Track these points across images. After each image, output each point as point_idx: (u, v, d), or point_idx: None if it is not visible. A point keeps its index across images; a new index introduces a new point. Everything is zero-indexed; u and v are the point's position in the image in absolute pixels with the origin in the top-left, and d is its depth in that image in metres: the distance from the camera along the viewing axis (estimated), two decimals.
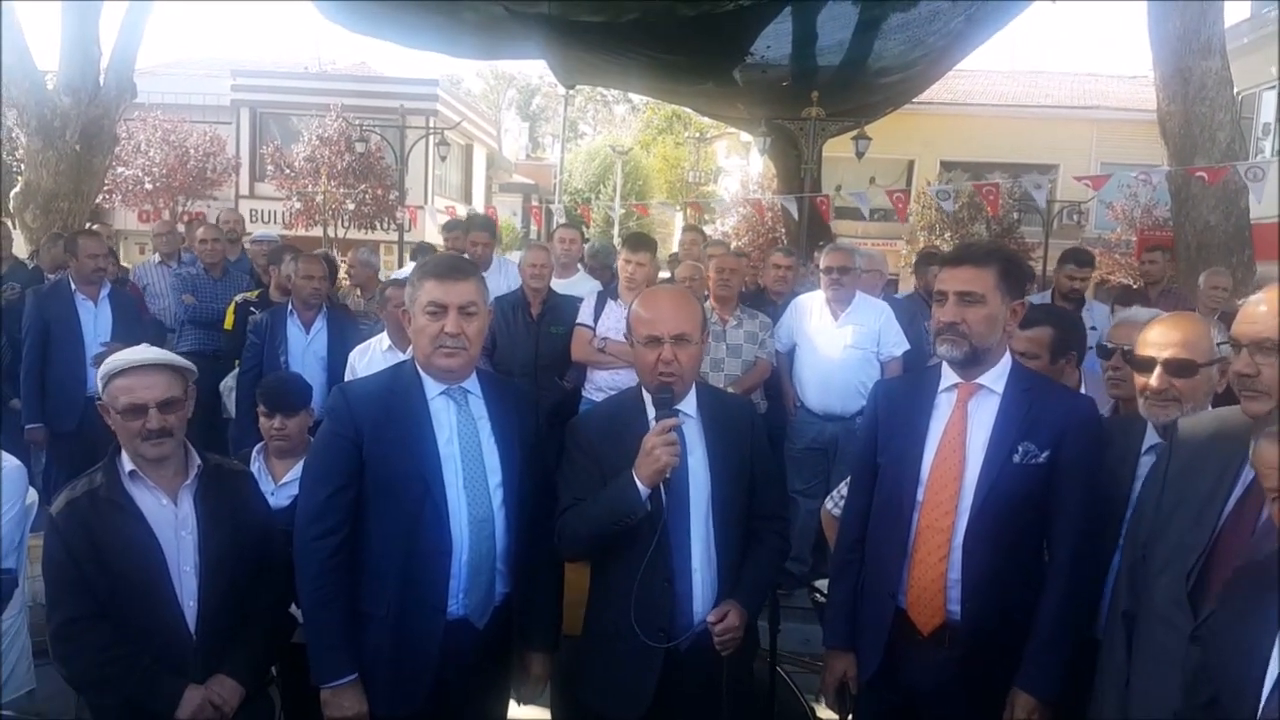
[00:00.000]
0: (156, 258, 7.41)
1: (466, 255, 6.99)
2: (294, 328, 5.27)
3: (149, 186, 20.96)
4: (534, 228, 18.02)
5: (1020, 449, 2.35)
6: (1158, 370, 2.41)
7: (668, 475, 2.34)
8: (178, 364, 2.59)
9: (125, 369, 2.49)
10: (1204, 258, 8.65)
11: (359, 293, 6.37)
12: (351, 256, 6.93)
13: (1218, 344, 2.44)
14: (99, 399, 2.55)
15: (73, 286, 5.67)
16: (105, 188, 15.85)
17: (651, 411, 2.45)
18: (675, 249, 10.62)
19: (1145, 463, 2.49)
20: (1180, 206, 9.42)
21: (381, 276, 8.02)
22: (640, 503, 2.34)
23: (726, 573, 2.46)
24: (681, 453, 2.40)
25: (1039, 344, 2.94)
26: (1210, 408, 2.42)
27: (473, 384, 2.53)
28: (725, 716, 2.42)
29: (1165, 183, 9.94)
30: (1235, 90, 9.66)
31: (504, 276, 6.13)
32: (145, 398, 2.45)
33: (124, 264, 14.63)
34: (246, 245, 7.22)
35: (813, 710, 3.23)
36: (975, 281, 2.38)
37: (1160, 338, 2.45)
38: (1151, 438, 2.50)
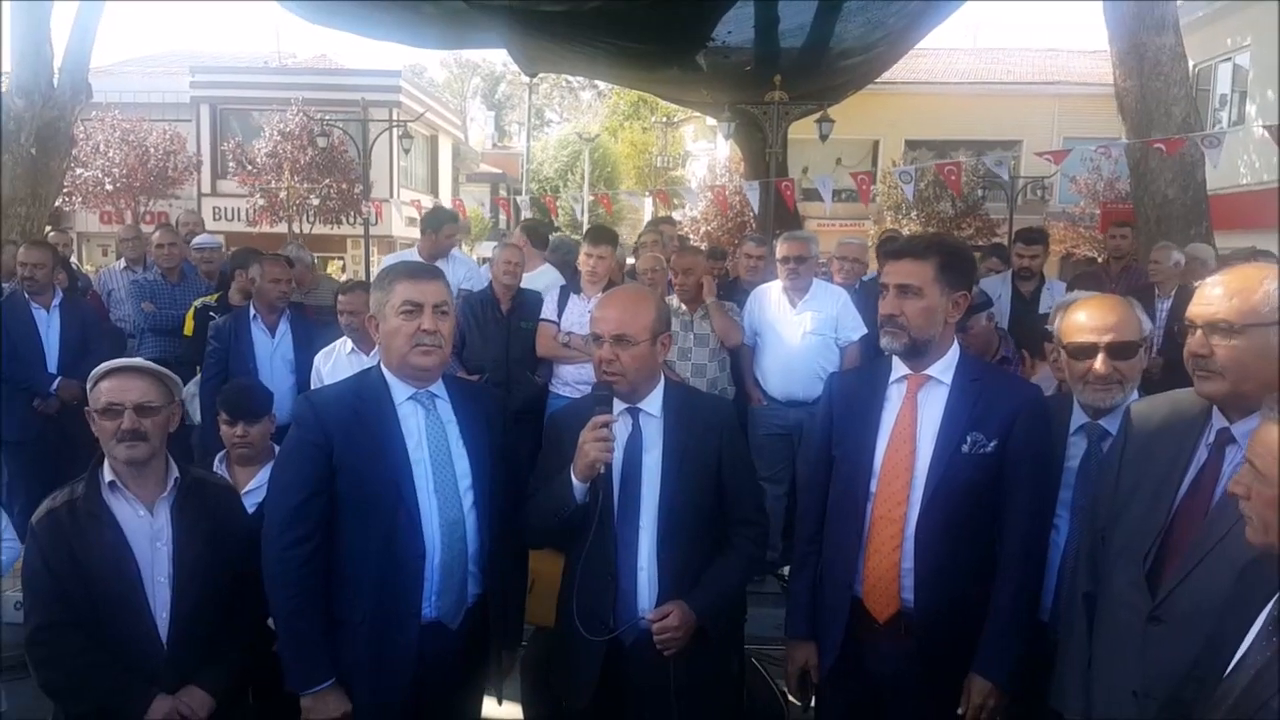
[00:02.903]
0: (121, 263, 7.32)
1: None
2: (259, 332, 5.22)
3: (109, 187, 20.66)
4: (503, 218, 17.95)
5: (969, 439, 2.40)
6: (1101, 356, 2.44)
7: (600, 470, 2.38)
8: (161, 373, 2.62)
9: (110, 372, 2.55)
10: (1163, 230, 8.76)
11: (296, 288, 6.34)
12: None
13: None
14: (75, 408, 2.58)
15: (27, 296, 5.63)
16: (65, 190, 15.59)
17: (618, 408, 2.50)
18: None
19: (1074, 443, 2.54)
20: (1139, 181, 9.54)
21: (349, 273, 7.95)
22: (570, 497, 2.40)
23: (672, 573, 2.47)
24: (636, 451, 2.45)
25: None
26: (1134, 395, 2.47)
27: (439, 388, 2.55)
28: (674, 714, 2.45)
29: (1125, 157, 10.05)
30: (1191, 64, 9.78)
31: (452, 269, 6.12)
32: (122, 399, 2.49)
33: (87, 267, 14.47)
34: (193, 251, 7.10)
35: (783, 695, 3.27)
36: (914, 274, 2.42)
37: (1097, 322, 2.48)
38: (1079, 418, 2.55)
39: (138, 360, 2.66)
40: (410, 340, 2.41)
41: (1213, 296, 1.95)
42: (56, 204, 11.96)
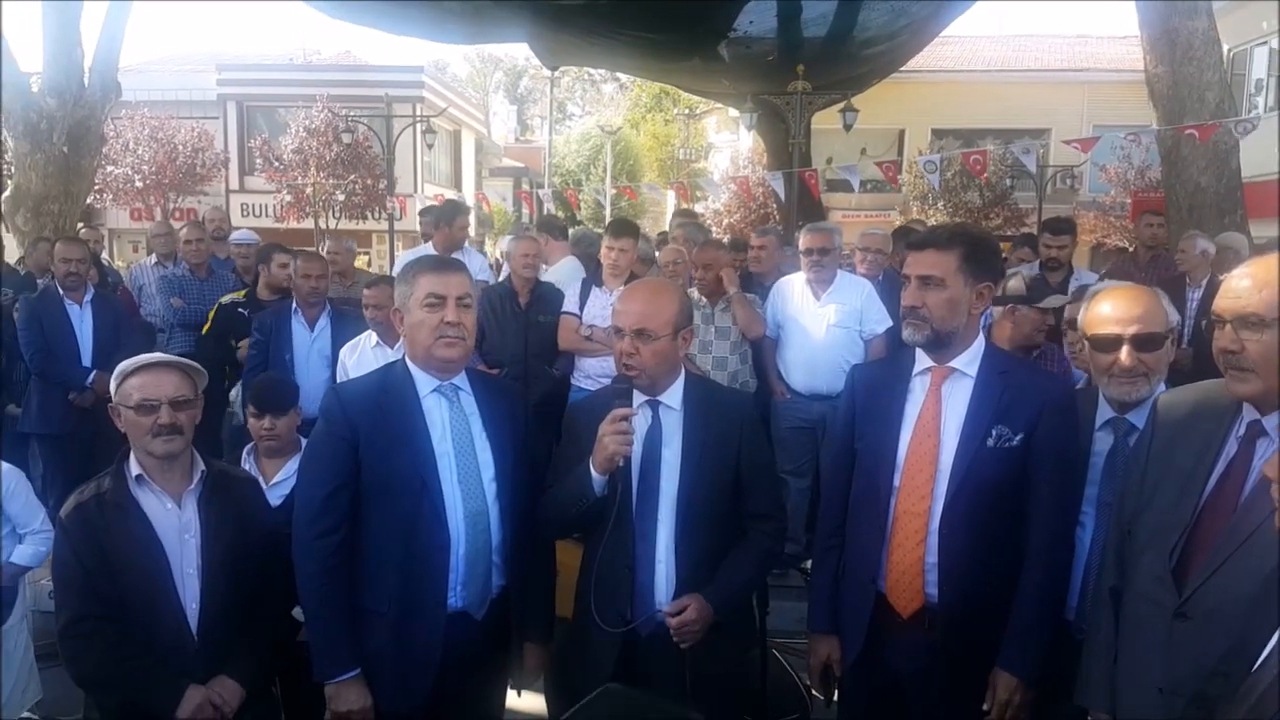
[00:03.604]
0: (153, 258, 7.45)
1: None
2: (298, 326, 5.27)
3: (139, 184, 20.96)
4: (525, 212, 18.02)
5: (994, 432, 2.36)
6: (1125, 348, 2.39)
7: (619, 463, 2.37)
8: (189, 367, 2.66)
9: (139, 368, 2.56)
10: (1195, 220, 8.63)
11: (339, 279, 6.45)
12: (331, 244, 7.11)
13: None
14: (109, 402, 2.61)
15: (60, 291, 5.72)
16: (96, 187, 15.80)
17: (638, 400, 2.49)
18: (666, 228, 10.62)
19: (1100, 438, 2.50)
20: (1171, 169, 9.39)
21: (375, 268, 8.09)
22: (589, 489, 2.39)
23: (690, 565, 2.46)
24: (655, 443, 2.44)
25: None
26: (1161, 387, 2.42)
27: (462, 381, 2.57)
28: (689, 707, 2.43)
29: (1156, 144, 9.89)
30: (1225, 49, 9.59)
31: (466, 262, 6.17)
32: (157, 394, 2.52)
33: (118, 263, 14.68)
34: (231, 246, 7.23)
35: (806, 689, 3.26)
36: (937, 265, 2.39)
37: (1122, 313, 2.42)
38: (1105, 412, 2.50)
39: (164, 355, 2.70)
40: (434, 332, 2.43)
41: (1240, 289, 1.89)
42: (88, 201, 12.13)
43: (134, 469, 2.57)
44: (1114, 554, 2.17)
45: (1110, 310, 2.45)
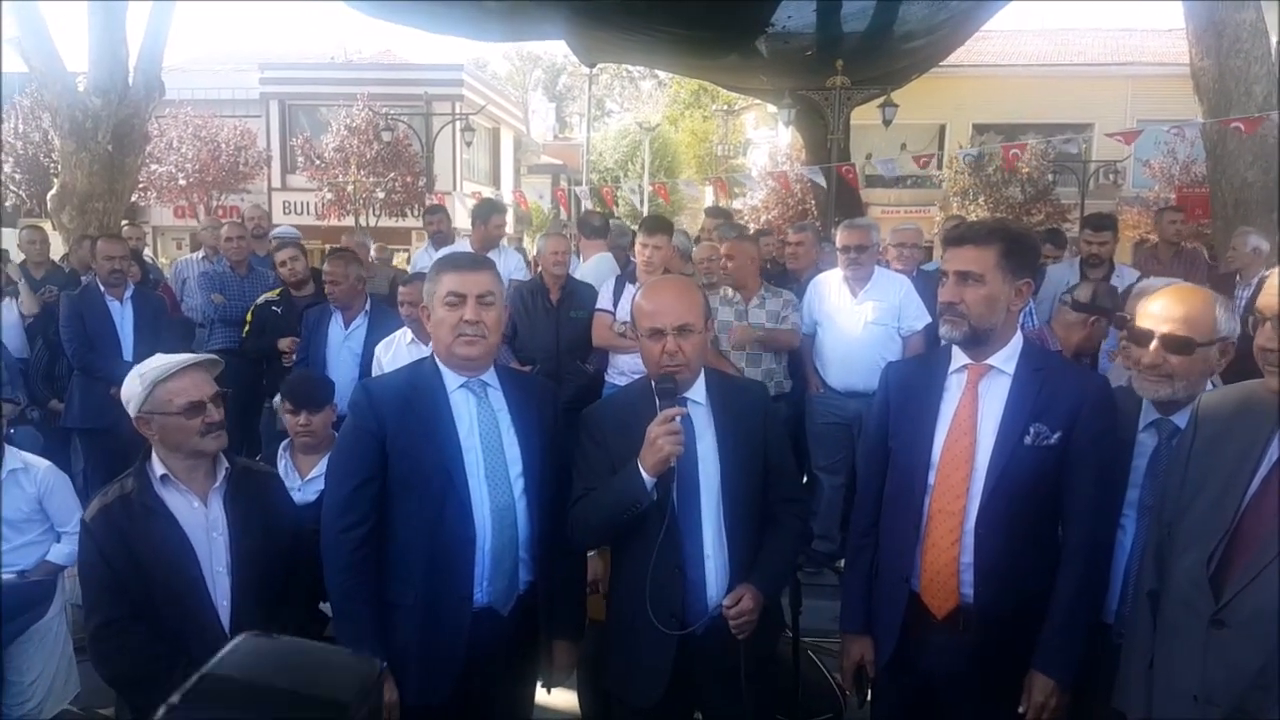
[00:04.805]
0: (200, 253, 7.58)
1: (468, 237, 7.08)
2: (335, 324, 5.36)
3: (183, 182, 21.29)
4: (561, 210, 18.06)
5: (1032, 430, 2.32)
6: (1154, 344, 2.33)
7: (672, 464, 2.34)
8: (209, 361, 2.68)
9: (173, 372, 2.57)
10: (1241, 215, 8.45)
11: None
12: (345, 238, 7.28)
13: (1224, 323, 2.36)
14: (138, 412, 2.59)
15: (101, 288, 5.85)
16: (140, 185, 16.07)
17: (659, 401, 2.46)
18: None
19: (1143, 440, 2.43)
20: (1216, 163, 9.19)
21: (411, 266, 8.21)
22: (645, 492, 2.35)
23: (740, 557, 2.46)
24: (689, 440, 2.40)
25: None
26: (1209, 386, 2.35)
27: (491, 377, 2.57)
28: (745, 699, 2.44)
29: (1201, 138, 9.69)
30: (1274, 41, 9.38)
31: (503, 261, 6.23)
32: (199, 394, 2.55)
33: (162, 260, 14.97)
34: (270, 243, 7.37)
35: (840, 687, 3.23)
36: (975, 261, 2.35)
37: (1162, 311, 2.36)
38: (1149, 414, 2.44)
39: (184, 355, 2.69)
40: (454, 330, 2.44)
41: None
42: (132, 199, 12.35)
43: (158, 469, 2.57)
44: (1153, 556, 2.12)
45: (1154, 306, 2.40)
